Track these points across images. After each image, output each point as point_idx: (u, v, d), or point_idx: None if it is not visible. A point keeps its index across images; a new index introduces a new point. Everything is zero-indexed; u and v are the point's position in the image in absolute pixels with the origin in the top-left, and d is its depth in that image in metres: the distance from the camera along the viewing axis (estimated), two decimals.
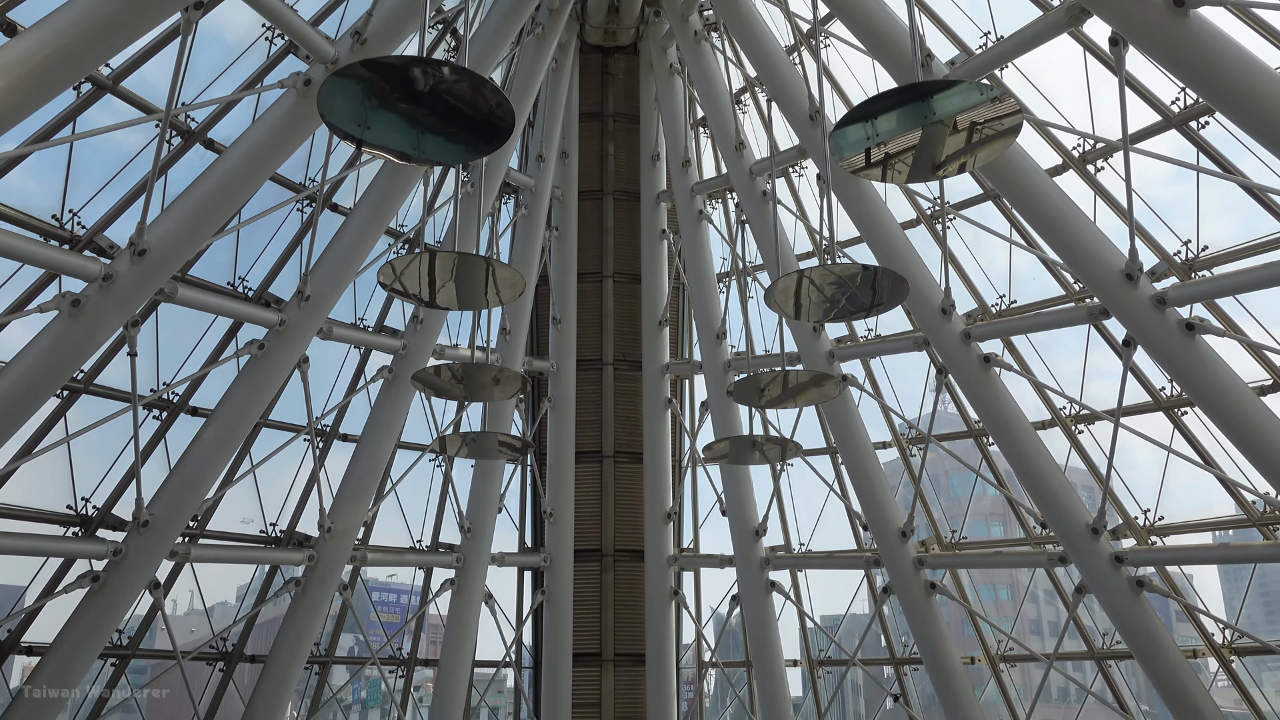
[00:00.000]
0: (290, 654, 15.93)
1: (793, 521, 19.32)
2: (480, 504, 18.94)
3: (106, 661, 14.97)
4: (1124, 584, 14.13)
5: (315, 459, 16.56)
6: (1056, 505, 14.64)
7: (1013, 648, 16.72)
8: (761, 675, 18.43)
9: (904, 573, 16.61)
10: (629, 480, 20.94)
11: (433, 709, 18.05)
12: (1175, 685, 13.72)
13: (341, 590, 16.93)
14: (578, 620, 19.92)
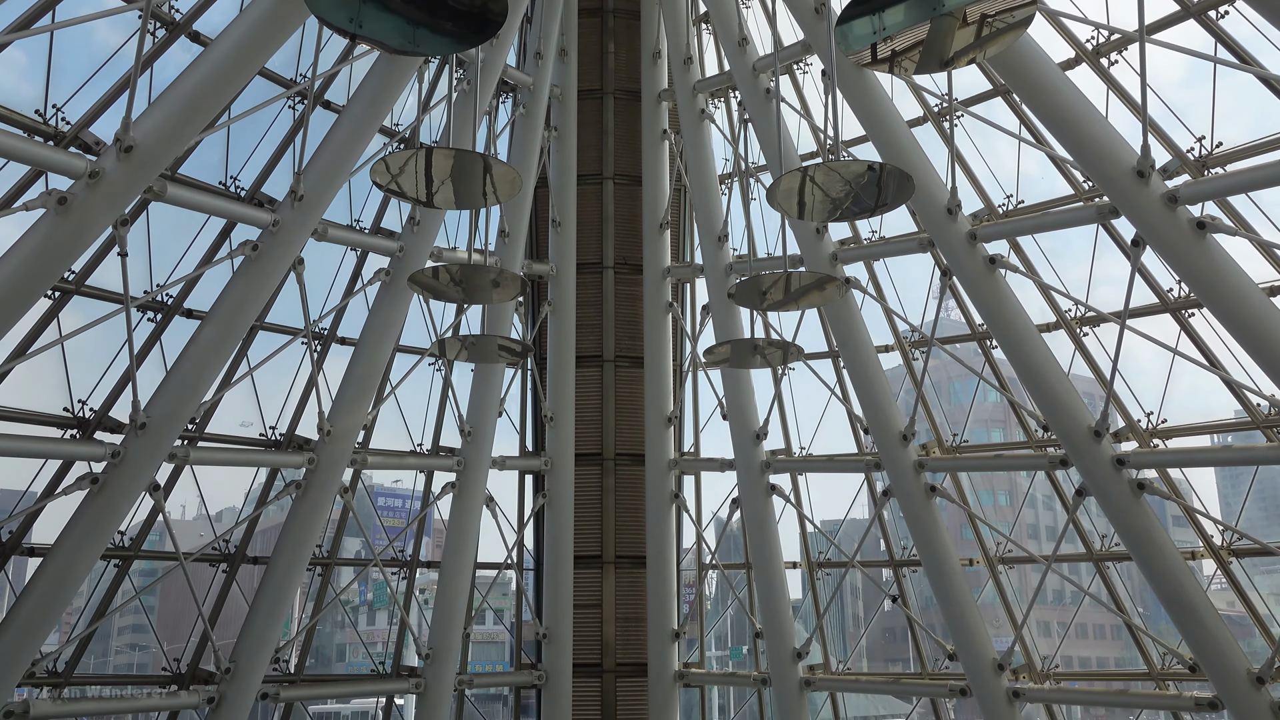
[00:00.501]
0: (292, 556, 16.02)
1: (793, 425, 19.29)
2: (480, 408, 18.88)
3: (110, 563, 15.03)
4: (1125, 486, 14.10)
5: (313, 362, 16.45)
6: (1059, 408, 14.55)
7: (1011, 550, 16.79)
8: (761, 577, 18.56)
9: (904, 475, 16.60)
10: (630, 384, 20.84)
11: (435, 610, 18.24)
12: (1173, 586, 13.77)
13: (342, 493, 16.95)
14: (579, 523, 20.00)
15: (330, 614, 43.11)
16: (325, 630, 47.67)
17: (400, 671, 17.87)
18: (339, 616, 48.68)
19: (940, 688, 16.70)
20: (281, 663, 16.70)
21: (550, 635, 19.30)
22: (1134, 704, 16.01)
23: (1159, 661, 15.06)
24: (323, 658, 49.01)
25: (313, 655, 53.46)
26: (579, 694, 19.38)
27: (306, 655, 17.14)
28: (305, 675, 17.01)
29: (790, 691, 17.89)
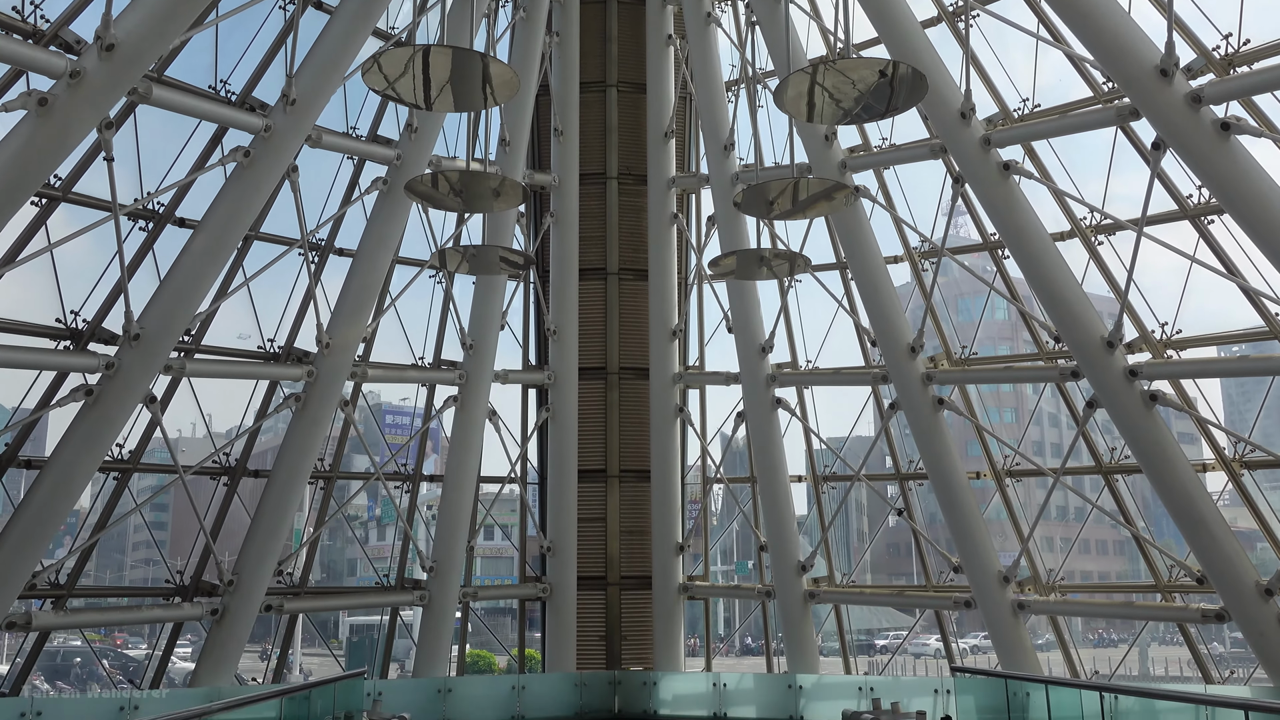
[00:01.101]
0: (292, 469, 15.91)
1: (800, 338, 19.00)
2: (482, 321, 18.61)
3: (109, 475, 14.92)
4: (1136, 398, 13.84)
5: (310, 272, 16.14)
6: (1071, 318, 14.23)
7: (1019, 463, 16.59)
8: (765, 491, 18.45)
9: (912, 388, 16.36)
10: (634, 297, 20.53)
11: (438, 523, 18.19)
12: (1183, 499, 13.59)
13: (343, 406, 16.78)
14: (583, 437, 19.87)
15: (340, 529, 43.61)
16: (336, 545, 48.11)
17: (404, 585, 17.89)
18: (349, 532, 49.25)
19: (944, 600, 16.66)
20: (285, 575, 16.71)
21: (554, 549, 19.28)
22: (1139, 616, 15.96)
23: (1165, 574, 14.95)
24: (334, 572, 49.53)
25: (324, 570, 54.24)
26: (583, 607, 19.43)
27: (310, 568, 17.10)
28: (309, 588, 17.00)
29: (794, 604, 17.88)
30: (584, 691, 17.79)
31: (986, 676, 11.90)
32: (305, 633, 50.76)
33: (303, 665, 40.61)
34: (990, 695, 13.75)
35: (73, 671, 36.90)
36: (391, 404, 43.98)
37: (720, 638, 29.71)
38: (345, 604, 21.34)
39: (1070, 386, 15.83)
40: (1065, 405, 15.92)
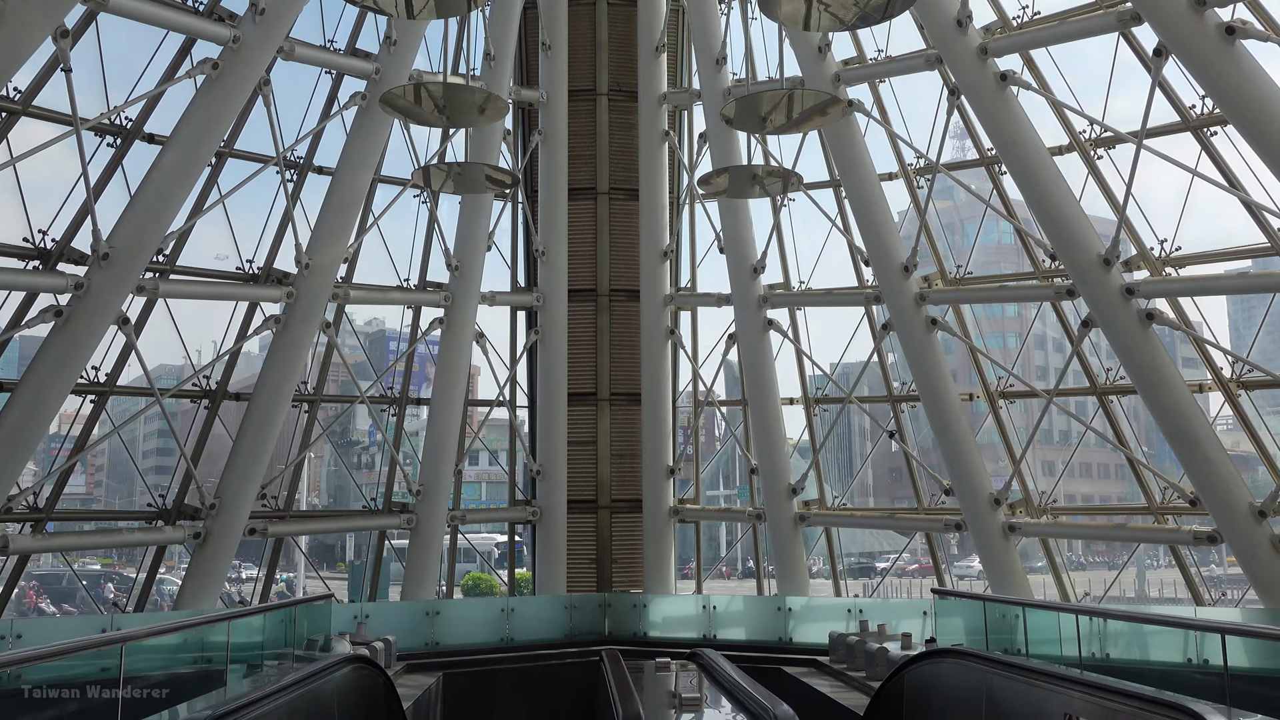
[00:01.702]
0: (274, 391, 15.69)
1: (793, 259, 18.62)
2: (468, 241, 18.23)
3: (86, 398, 14.70)
4: (1133, 317, 13.50)
5: (286, 190, 15.73)
6: (1068, 235, 13.85)
7: (1013, 385, 16.30)
8: (756, 413, 18.22)
9: (905, 308, 16.02)
10: (624, 217, 20.10)
11: (425, 446, 18.02)
12: (1178, 420, 13.32)
13: (325, 329, 16.49)
14: (573, 360, 19.59)
15: (347, 455, 43.80)
16: (342, 472, 48.25)
17: (391, 508, 17.76)
18: (354, 458, 49.26)
19: (935, 522, 16.49)
20: (270, 499, 16.58)
21: (544, 472, 19.12)
22: (1130, 538, 15.80)
23: (1159, 496, 14.72)
24: (341, 497, 49.75)
25: (331, 495, 54.19)
26: (574, 530, 19.33)
27: (295, 491, 16.97)
28: (295, 512, 16.88)
29: (784, 527, 17.75)
30: (573, 614, 17.74)
31: (966, 599, 11.70)
32: (316, 557, 51.21)
33: (305, 589, 41.04)
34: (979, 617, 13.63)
35: (78, 595, 37.29)
36: (395, 330, 43.81)
37: (721, 559, 29.82)
38: (329, 528, 21.30)
39: (1067, 308, 15.47)
40: (1061, 326, 15.55)
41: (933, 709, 7.86)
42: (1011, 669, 6.64)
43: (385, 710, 7.96)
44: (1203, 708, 4.86)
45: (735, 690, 7.25)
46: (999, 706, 6.76)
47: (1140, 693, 5.36)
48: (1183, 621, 7.08)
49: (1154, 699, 5.21)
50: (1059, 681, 6.08)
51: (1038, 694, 6.23)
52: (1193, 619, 7.41)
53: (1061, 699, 5.97)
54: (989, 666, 6.92)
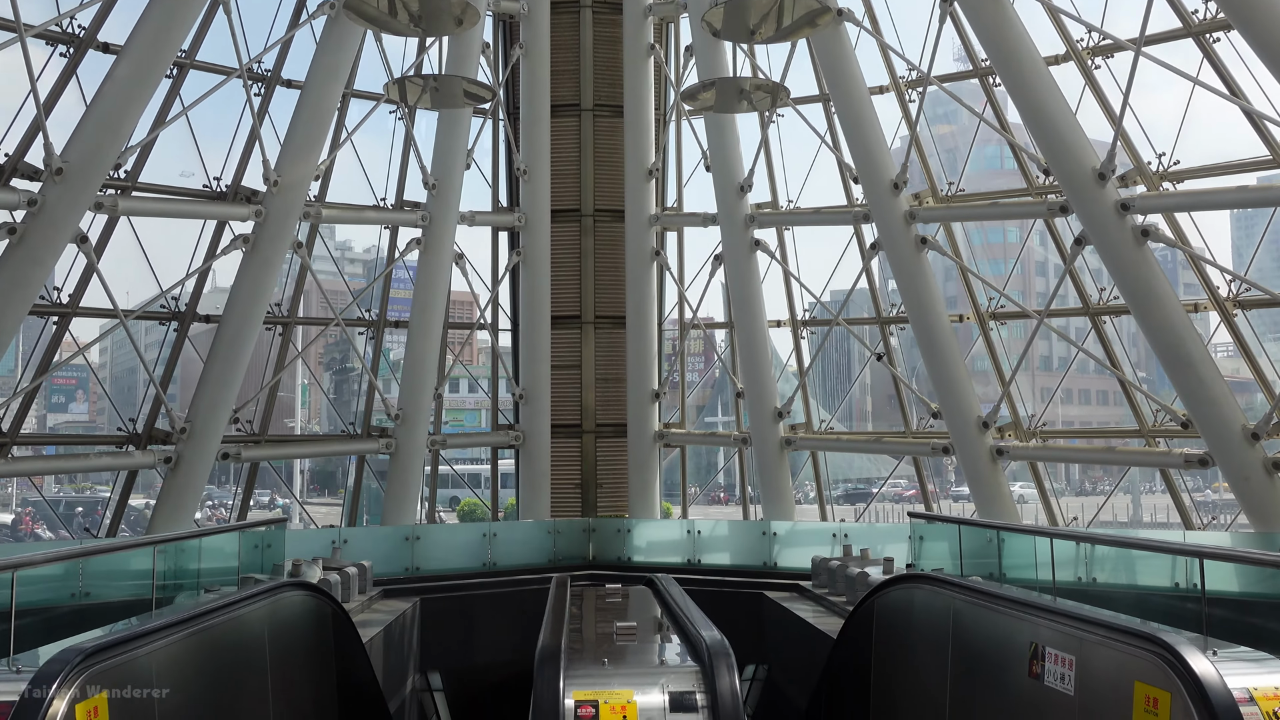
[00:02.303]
0: (244, 313, 15.25)
1: (781, 177, 18.09)
2: (446, 158, 17.66)
3: (48, 320, 14.31)
4: (1128, 233, 13.01)
5: (251, 106, 15.15)
6: (1062, 147, 13.30)
7: (1004, 305, 15.86)
8: (742, 335, 17.81)
9: (894, 226, 15.52)
10: (609, 135, 19.50)
11: (404, 369, 17.66)
12: (1170, 339, 12.90)
13: (296, 248, 16.03)
14: (557, 282, 19.13)
15: (347, 381, 43.42)
16: (342, 399, 47.97)
17: (370, 433, 17.46)
18: (354, 385, 49.00)
19: (923, 446, 16.17)
20: (244, 423, 16.27)
21: (527, 396, 18.77)
22: (1120, 461, 15.48)
23: (1151, 419, 14.36)
24: (338, 424, 49.40)
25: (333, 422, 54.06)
26: (558, 455, 19.04)
27: (270, 415, 16.62)
28: (269, 435, 16.56)
29: (770, 451, 17.45)
30: (557, 539, 17.53)
31: (941, 522, 11.40)
32: (317, 484, 51.22)
33: (303, 514, 41.06)
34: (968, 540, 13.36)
35: (75, 520, 37.32)
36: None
37: (708, 485, 29.62)
38: (306, 452, 21.04)
39: (1061, 228, 14.98)
40: (1055, 247, 15.05)
41: (901, 635, 7.57)
42: (979, 595, 6.31)
43: (334, 641, 7.63)
44: (1174, 638, 4.52)
45: (678, 617, 6.93)
46: (966, 633, 6.45)
47: (1110, 622, 5.03)
48: (1157, 545, 6.70)
49: (1124, 629, 4.87)
50: (1026, 609, 5.75)
51: (1005, 622, 5.91)
52: (1167, 543, 7.05)
53: (1029, 627, 5.65)
54: (956, 593, 6.60)
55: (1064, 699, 5.19)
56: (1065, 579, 11.28)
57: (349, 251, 61.67)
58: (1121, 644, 4.81)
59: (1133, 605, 10.97)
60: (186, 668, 4.99)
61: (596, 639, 7.05)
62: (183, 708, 4.89)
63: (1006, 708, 5.85)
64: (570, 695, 5.02)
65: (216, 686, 5.37)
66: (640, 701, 5.05)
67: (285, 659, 6.29)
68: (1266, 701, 4.23)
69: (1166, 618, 8.43)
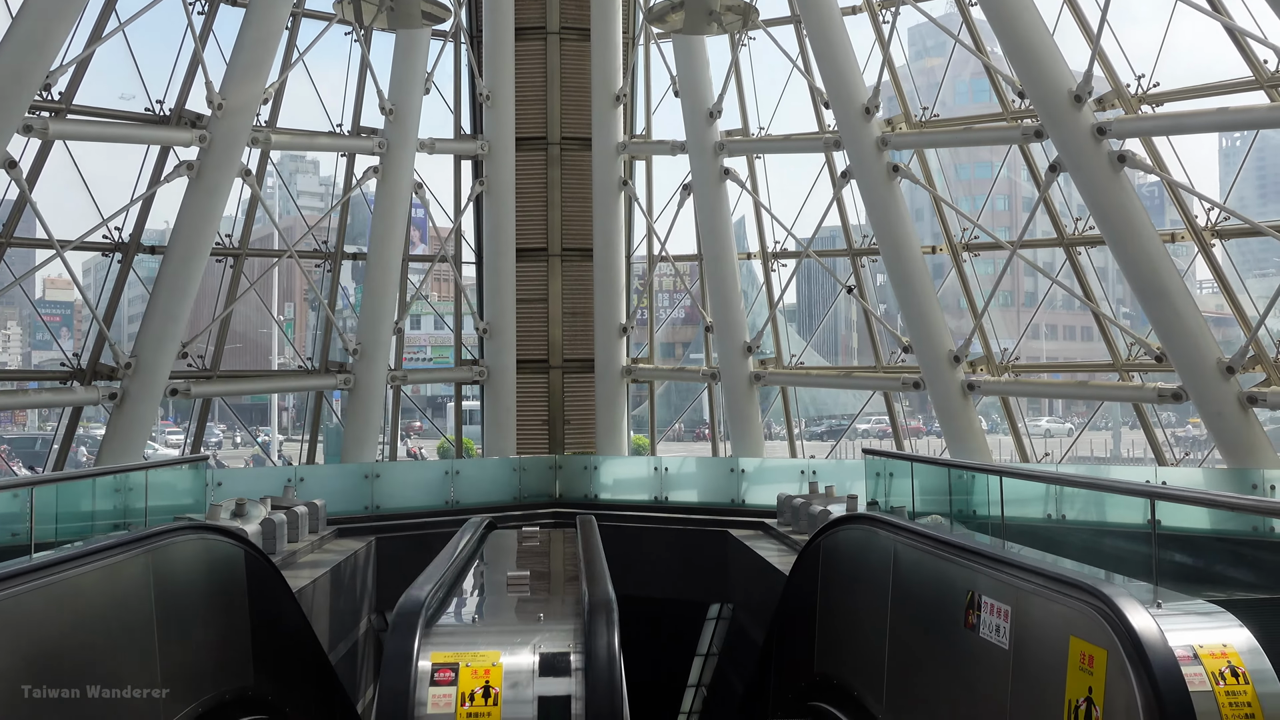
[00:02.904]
0: (190, 243, 14.67)
1: (752, 104, 17.44)
2: (404, 82, 16.98)
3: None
4: (1104, 159, 12.49)
5: (192, 23, 14.44)
6: (1037, 69, 12.73)
7: (977, 235, 15.35)
8: (711, 267, 17.31)
9: (865, 153, 14.97)
10: (575, 60, 18.79)
11: (363, 302, 17.13)
12: (1146, 269, 12.44)
13: (245, 176, 15.40)
14: (522, 213, 18.55)
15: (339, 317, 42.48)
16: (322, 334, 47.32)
17: (328, 368, 16.97)
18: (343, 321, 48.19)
19: (893, 381, 15.76)
20: (196, 358, 15.77)
21: (491, 331, 18.28)
22: (1093, 395, 15.09)
23: (1126, 353, 13.95)
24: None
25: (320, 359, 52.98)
26: (524, 391, 18.62)
27: (223, 350, 16.11)
28: (221, 371, 16.05)
29: (739, 386, 17.04)
30: (523, 477, 17.19)
31: (895, 459, 11.02)
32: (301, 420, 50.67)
33: (281, 450, 40.61)
34: (938, 478, 13.03)
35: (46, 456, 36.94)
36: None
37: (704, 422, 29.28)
38: (260, 388, 20.54)
39: (1038, 156, 14.43)
40: (1030, 175, 14.51)
41: (845, 578, 7.19)
42: (917, 538, 5.90)
43: (247, 587, 7.18)
44: (1113, 590, 4.11)
45: (579, 566, 6.48)
46: (904, 578, 6.05)
47: (1048, 570, 4.61)
48: (1104, 484, 6.24)
49: (1061, 577, 4.46)
50: (965, 555, 5.33)
51: (944, 567, 5.50)
52: (1116, 482, 6.58)
53: (967, 574, 5.24)
54: (896, 535, 6.19)
55: (998, 653, 4.80)
56: (1034, 516, 10.95)
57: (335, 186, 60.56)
58: (1059, 595, 4.40)
59: (1098, 544, 10.66)
60: (33, 623, 4.52)
61: (483, 590, 6.57)
62: (28, 666, 4.43)
63: (943, 658, 5.47)
64: (428, 656, 4.52)
65: (79, 644, 4.90)
66: (507, 663, 4.54)
67: (175, 609, 5.84)
68: (1212, 660, 3.84)
69: (1134, 559, 8.11)
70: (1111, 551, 9.32)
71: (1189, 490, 5.17)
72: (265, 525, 11.76)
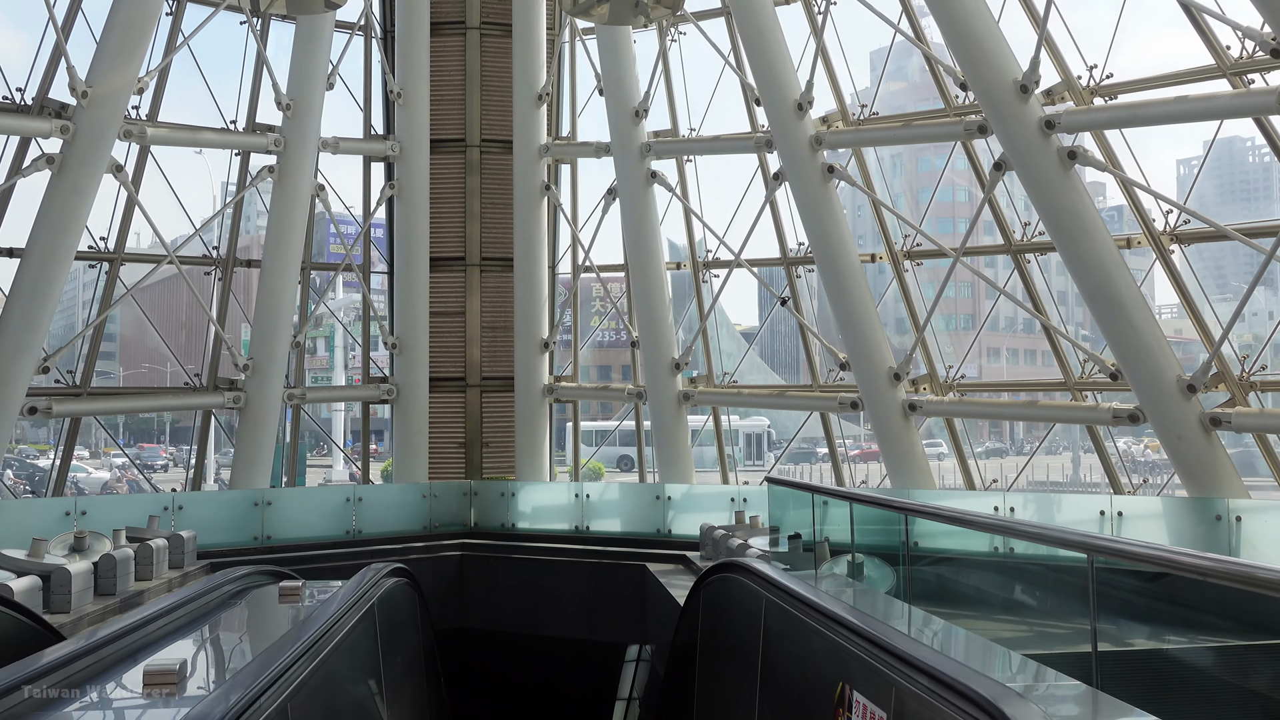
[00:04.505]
0: (49, 245, 13.20)
1: (682, 103, 16.23)
2: (304, 76, 15.64)
3: None
4: (1052, 154, 11.34)
5: (52, 16, 13.02)
6: (980, 57, 11.59)
7: (920, 242, 14.14)
8: (637, 278, 16.04)
9: (799, 152, 13.78)
10: (496, 56, 17.54)
11: (256, 315, 15.69)
12: (1099, 277, 11.27)
13: (116, 172, 13.97)
14: (438, 220, 17.24)
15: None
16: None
17: (217, 385, 15.50)
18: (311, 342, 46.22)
19: (829, 401, 14.50)
20: (66, 374, 14.28)
21: (402, 346, 16.89)
22: (1043, 417, 13.88)
23: (1079, 369, 12.76)
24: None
25: None
26: (439, 410, 17.25)
27: (94, 365, 14.60)
28: (93, 388, 14.55)
29: (667, 406, 15.74)
30: (434, 504, 15.80)
31: (796, 489, 9.71)
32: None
33: (218, 474, 38.63)
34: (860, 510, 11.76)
35: None
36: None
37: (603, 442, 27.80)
38: (137, 406, 18.94)
39: (982, 152, 13.27)
40: (974, 174, 13.33)
41: (721, 635, 5.86)
42: (788, 597, 4.60)
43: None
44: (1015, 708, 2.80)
45: (259, 660, 4.52)
46: (775, 644, 4.75)
47: (933, 668, 3.28)
48: (1030, 532, 4.81)
49: (955, 684, 3.13)
50: (837, 627, 4.01)
51: (816, 640, 4.18)
52: (1041, 529, 5.02)
53: (840, 655, 3.92)
54: (768, 590, 4.88)
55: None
56: (978, 549, 9.70)
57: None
58: (950, 706, 3.09)
59: (1050, 583, 9.40)
60: None
61: (120, 684, 4.48)
62: None
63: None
64: None
65: None
66: None
67: None
68: None
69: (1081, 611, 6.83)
70: (1055, 592, 8.07)
71: (1132, 543, 3.86)
72: (103, 563, 10.29)
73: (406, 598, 7.48)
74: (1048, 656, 3.68)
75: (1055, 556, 5.10)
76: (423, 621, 8.46)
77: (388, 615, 6.13)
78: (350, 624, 5.00)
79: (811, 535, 7.81)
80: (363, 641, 5.33)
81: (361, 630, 5.27)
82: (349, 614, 5.01)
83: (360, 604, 5.33)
